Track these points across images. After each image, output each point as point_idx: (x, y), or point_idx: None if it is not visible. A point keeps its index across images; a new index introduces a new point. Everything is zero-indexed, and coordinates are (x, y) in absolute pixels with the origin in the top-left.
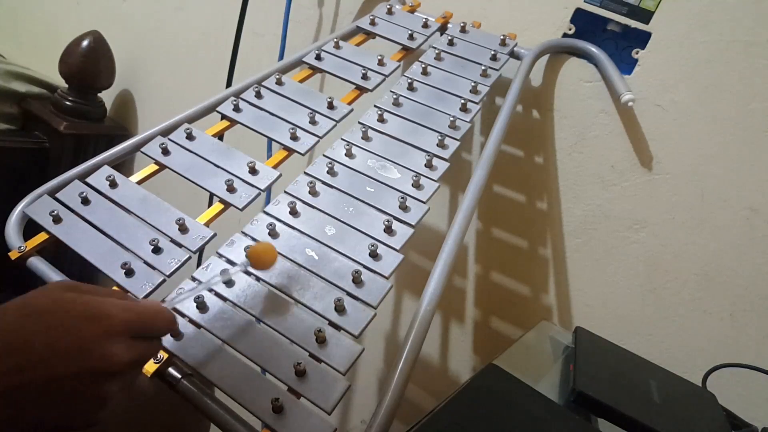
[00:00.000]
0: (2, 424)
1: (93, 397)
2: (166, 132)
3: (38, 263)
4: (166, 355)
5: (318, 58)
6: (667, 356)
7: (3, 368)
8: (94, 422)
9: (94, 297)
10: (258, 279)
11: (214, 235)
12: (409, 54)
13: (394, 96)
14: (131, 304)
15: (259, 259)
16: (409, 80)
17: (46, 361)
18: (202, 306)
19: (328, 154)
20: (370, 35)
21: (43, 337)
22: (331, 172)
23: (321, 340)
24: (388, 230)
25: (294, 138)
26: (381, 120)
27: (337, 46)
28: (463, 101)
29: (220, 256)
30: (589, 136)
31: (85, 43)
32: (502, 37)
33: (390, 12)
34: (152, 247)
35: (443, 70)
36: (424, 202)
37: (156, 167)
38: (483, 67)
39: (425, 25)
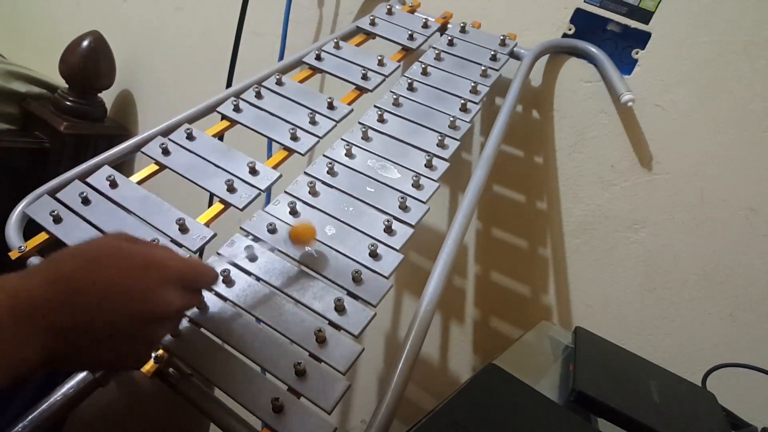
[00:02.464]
0: (64, 360)
1: (145, 338)
2: (166, 132)
3: (39, 263)
4: (166, 355)
5: (318, 58)
6: (667, 356)
7: (67, 309)
8: (142, 364)
9: (150, 247)
10: (258, 279)
11: (215, 235)
12: (409, 54)
13: (394, 96)
14: (182, 257)
15: (299, 237)
16: (409, 80)
17: (107, 303)
18: (202, 306)
19: (328, 154)
20: (370, 35)
21: (104, 281)
22: (331, 172)
23: (321, 339)
24: (388, 230)
25: (294, 138)
26: (381, 120)
27: (337, 47)
28: (463, 101)
29: (221, 256)
30: (589, 136)
31: (85, 43)
32: (502, 38)
33: (390, 12)
34: None
35: (443, 71)
36: (424, 202)
37: (156, 167)
38: (483, 67)
39: (425, 26)
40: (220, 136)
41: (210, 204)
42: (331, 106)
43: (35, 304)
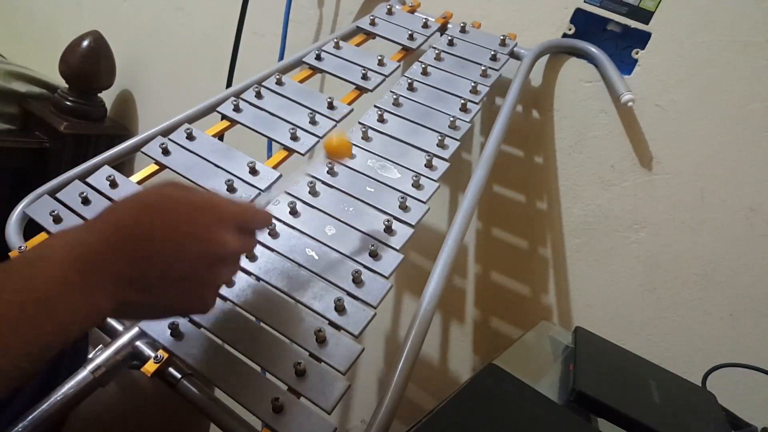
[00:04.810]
0: (134, 307)
1: (208, 281)
2: (166, 132)
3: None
4: (166, 355)
5: (318, 58)
6: (667, 356)
7: (127, 258)
8: (209, 307)
9: (201, 193)
10: (258, 279)
11: None
12: (409, 54)
13: (394, 96)
14: (235, 200)
15: (335, 151)
16: (409, 80)
17: (166, 248)
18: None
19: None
20: (370, 35)
21: (162, 227)
22: (331, 172)
23: (321, 339)
24: (388, 230)
25: (294, 138)
26: (381, 120)
27: (337, 47)
28: (463, 101)
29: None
30: (589, 136)
31: (85, 43)
32: (502, 37)
33: (390, 12)
34: None
35: (443, 70)
36: (424, 202)
37: (156, 167)
38: (483, 67)
39: (425, 26)
40: (220, 136)
41: None
42: (331, 106)
43: (99, 255)
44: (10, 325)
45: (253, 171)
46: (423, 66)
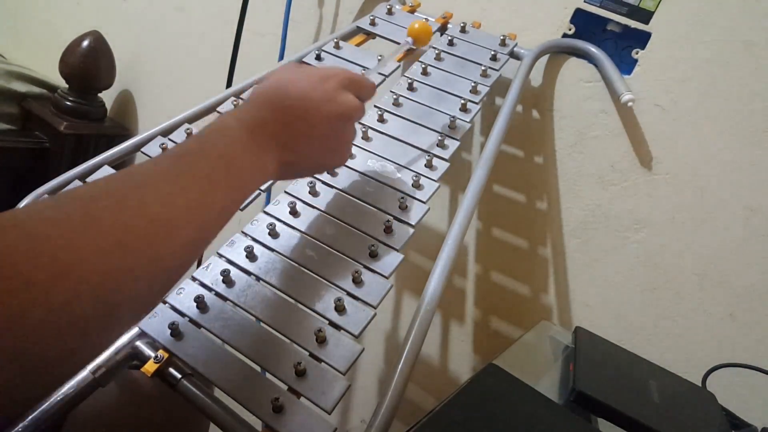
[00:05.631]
0: (292, 166)
1: (342, 136)
2: (166, 132)
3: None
4: (166, 355)
5: (318, 58)
6: (667, 356)
7: (278, 126)
8: (345, 160)
9: (319, 66)
10: (258, 279)
11: None
12: (409, 54)
13: (394, 96)
14: (346, 70)
15: (418, 35)
16: (409, 80)
17: (303, 114)
18: (202, 306)
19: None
20: (370, 35)
21: (296, 97)
22: (331, 172)
23: (321, 339)
24: (388, 230)
25: None
26: (381, 120)
27: (337, 46)
28: (463, 101)
29: (221, 256)
30: (589, 136)
31: (85, 43)
32: (502, 38)
33: (390, 12)
34: None
35: (443, 71)
36: (424, 202)
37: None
38: (483, 67)
39: None
40: None
41: None
42: None
43: (259, 123)
44: (211, 178)
45: None
46: (423, 66)
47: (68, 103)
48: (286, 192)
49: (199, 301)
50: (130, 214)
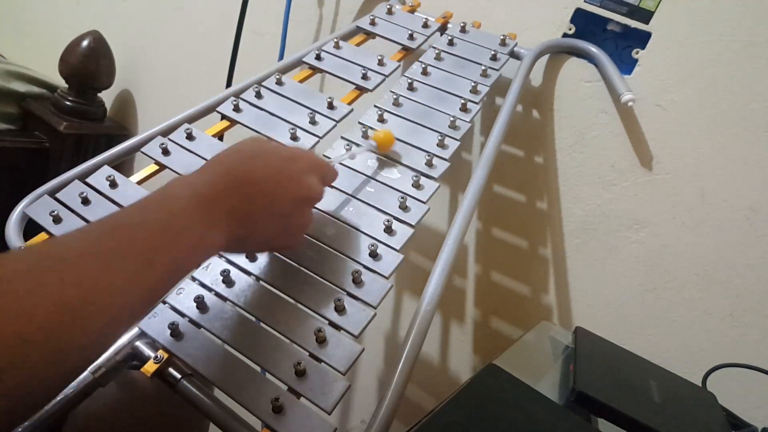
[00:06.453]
0: (242, 241)
1: (299, 219)
2: (166, 132)
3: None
4: (166, 355)
5: (318, 58)
6: (667, 356)
7: (238, 198)
8: (298, 243)
9: (288, 146)
10: (258, 279)
11: None
12: (409, 54)
13: (394, 96)
14: (313, 153)
15: (382, 142)
16: (409, 80)
17: (269, 190)
18: (202, 306)
19: (328, 153)
20: (370, 35)
21: (262, 172)
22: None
23: (321, 340)
24: (388, 230)
25: (294, 138)
26: (381, 120)
27: (337, 46)
28: (463, 101)
29: (221, 256)
30: (589, 136)
31: (85, 43)
32: (502, 37)
33: (390, 12)
34: None
35: (443, 70)
36: (424, 202)
37: (156, 167)
38: (483, 67)
39: (425, 25)
40: (220, 136)
41: None
42: (331, 106)
43: (218, 194)
44: (146, 253)
45: None
46: (423, 66)
47: (68, 103)
48: None
49: (199, 301)
50: (38, 298)
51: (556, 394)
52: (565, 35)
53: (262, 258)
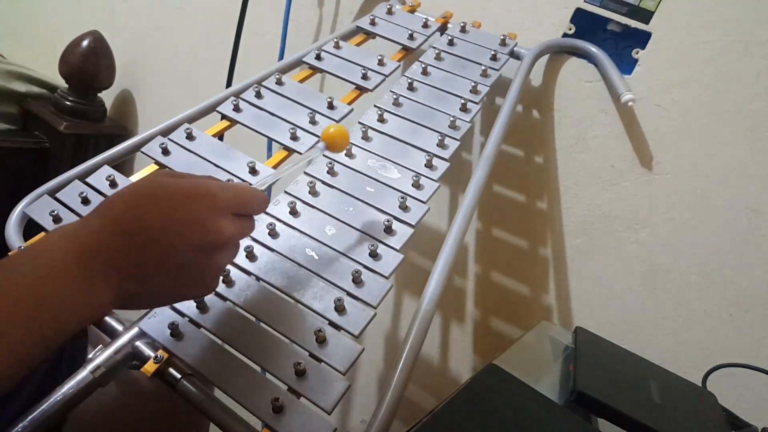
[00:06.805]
0: (136, 297)
1: (207, 267)
2: (166, 132)
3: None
4: (166, 355)
5: (318, 58)
6: (667, 356)
7: (125, 249)
8: (210, 291)
9: (195, 179)
10: (258, 279)
11: None
12: (409, 54)
13: (394, 96)
14: (228, 184)
15: (333, 142)
16: (409, 80)
17: (163, 238)
18: (201, 306)
19: (328, 153)
20: (370, 35)
21: (156, 216)
22: (331, 172)
23: (321, 339)
24: (388, 230)
25: (294, 138)
26: (381, 120)
27: (337, 46)
28: (463, 101)
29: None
30: (589, 136)
31: (85, 43)
32: (502, 37)
33: (390, 12)
34: None
35: (443, 70)
36: (424, 202)
37: (156, 167)
38: (483, 67)
39: (425, 25)
40: (220, 135)
41: None
42: (331, 106)
43: (98, 247)
44: (10, 319)
45: (253, 171)
46: (423, 66)
47: (68, 103)
48: (286, 192)
49: (199, 301)
50: None
51: (556, 394)
52: (565, 35)
53: (262, 258)
